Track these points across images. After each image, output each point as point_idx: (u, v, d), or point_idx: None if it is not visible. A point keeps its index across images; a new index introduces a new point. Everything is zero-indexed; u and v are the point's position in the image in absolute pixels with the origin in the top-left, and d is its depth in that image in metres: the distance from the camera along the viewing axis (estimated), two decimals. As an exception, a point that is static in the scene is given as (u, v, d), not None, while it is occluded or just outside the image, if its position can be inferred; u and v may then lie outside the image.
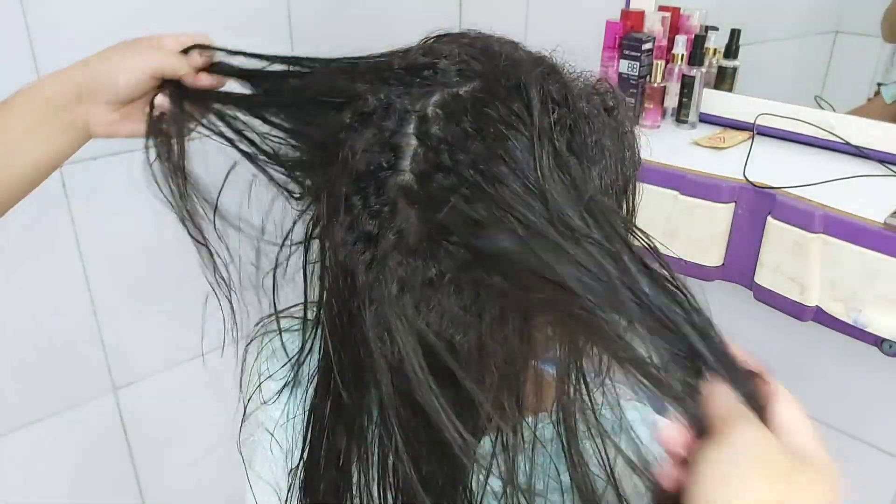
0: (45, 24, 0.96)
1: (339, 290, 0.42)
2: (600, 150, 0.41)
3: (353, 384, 0.43)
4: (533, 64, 0.42)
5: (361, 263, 0.39)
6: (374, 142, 0.39)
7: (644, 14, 1.15)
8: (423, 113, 0.39)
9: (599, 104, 0.43)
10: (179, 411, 1.29)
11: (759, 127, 1.09)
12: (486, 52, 0.42)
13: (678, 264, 0.99)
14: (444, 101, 0.39)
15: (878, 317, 0.82)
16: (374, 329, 0.39)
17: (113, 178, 1.09)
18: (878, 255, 0.80)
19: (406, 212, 0.38)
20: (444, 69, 0.40)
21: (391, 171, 0.38)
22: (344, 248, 0.40)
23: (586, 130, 0.41)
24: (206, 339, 1.33)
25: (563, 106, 0.40)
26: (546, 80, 0.41)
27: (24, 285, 1.04)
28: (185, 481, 1.32)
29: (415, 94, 0.39)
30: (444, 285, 0.39)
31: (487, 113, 0.38)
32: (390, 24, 1.35)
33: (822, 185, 0.90)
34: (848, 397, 1.11)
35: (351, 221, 0.39)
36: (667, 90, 1.15)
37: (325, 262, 0.44)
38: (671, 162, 1.00)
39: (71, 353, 1.11)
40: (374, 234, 0.39)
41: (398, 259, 0.38)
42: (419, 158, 0.38)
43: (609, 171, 0.42)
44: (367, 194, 0.39)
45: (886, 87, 1.10)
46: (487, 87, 0.40)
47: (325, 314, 0.45)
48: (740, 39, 1.14)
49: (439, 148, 0.38)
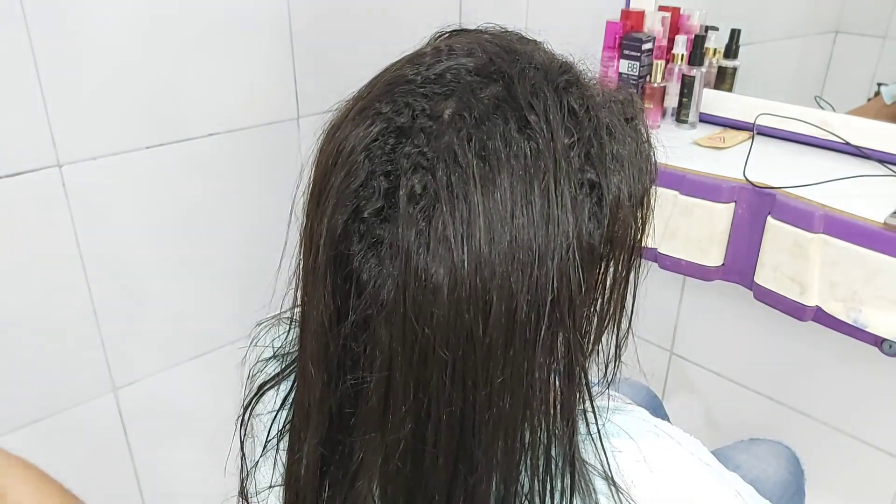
0: (45, 23, 0.96)
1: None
2: (619, 160, 0.41)
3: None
4: (556, 72, 0.41)
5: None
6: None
7: (644, 14, 1.15)
8: (439, 115, 0.38)
9: (620, 113, 0.43)
10: (179, 411, 1.29)
11: (759, 127, 1.09)
12: (509, 52, 0.41)
13: (678, 264, 0.99)
14: (466, 105, 0.38)
15: (878, 317, 0.82)
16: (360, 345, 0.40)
17: (113, 178, 1.09)
18: (878, 255, 0.80)
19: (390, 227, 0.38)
20: (465, 69, 0.40)
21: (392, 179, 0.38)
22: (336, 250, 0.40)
23: (606, 140, 0.41)
24: (205, 340, 1.33)
25: (584, 116, 0.40)
26: (567, 92, 0.40)
27: (25, 285, 1.04)
28: (186, 481, 1.32)
29: (434, 99, 0.39)
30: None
31: (497, 128, 0.38)
32: (390, 24, 1.35)
33: (822, 185, 0.90)
34: (848, 397, 1.11)
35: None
36: (667, 90, 1.15)
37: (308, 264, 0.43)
38: (671, 162, 1.00)
39: (71, 353, 1.11)
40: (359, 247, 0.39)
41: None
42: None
43: (628, 181, 0.41)
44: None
45: (887, 87, 1.10)
46: (508, 92, 0.39)
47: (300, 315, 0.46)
48: (740, 39, 1.14)
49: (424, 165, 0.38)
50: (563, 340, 0.39)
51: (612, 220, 0.40)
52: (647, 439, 0.45)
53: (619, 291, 0.45)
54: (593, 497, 0.41)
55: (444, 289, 0.36)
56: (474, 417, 0.39)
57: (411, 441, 0.39)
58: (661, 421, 0.48)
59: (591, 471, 0.42)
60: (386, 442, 0.40)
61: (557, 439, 0.41)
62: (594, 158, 0.40)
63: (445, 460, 0.39)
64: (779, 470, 0.94)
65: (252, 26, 1.18)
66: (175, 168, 1.15)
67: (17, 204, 1.00)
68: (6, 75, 0.95)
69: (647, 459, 0.43)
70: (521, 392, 0.39)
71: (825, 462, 1.01)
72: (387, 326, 0.38)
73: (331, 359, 0.42)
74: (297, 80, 1.26)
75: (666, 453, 0.45)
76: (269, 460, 0.54)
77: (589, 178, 0.39)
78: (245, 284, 1.28)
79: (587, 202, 0.39)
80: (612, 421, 0.46)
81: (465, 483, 0.40)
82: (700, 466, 0.45)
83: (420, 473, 0.40)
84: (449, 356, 0.37)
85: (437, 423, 0.39)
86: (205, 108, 1.16)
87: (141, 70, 1.07)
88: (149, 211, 1.14)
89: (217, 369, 1.30)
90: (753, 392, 1.25)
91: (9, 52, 0.94)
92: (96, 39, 1.02)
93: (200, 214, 1.21)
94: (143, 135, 1.10)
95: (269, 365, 0.56)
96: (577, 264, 0.38)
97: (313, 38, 1.26)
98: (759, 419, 1.25)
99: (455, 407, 0.38)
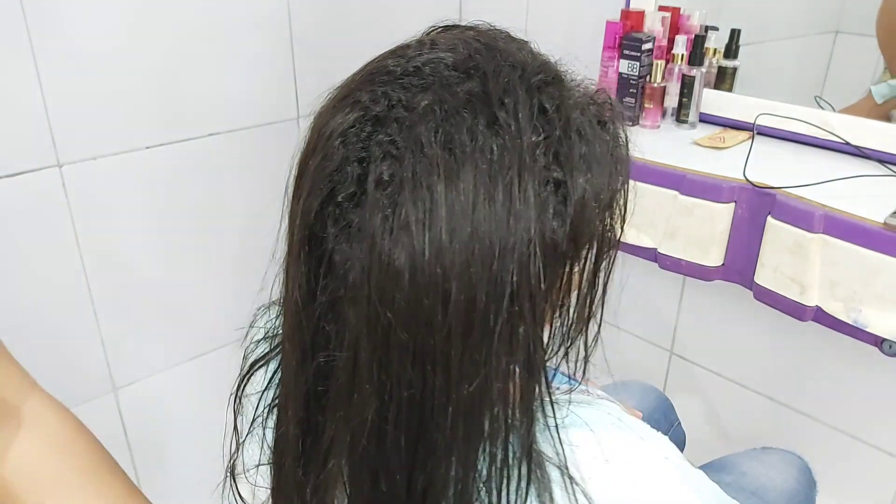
0: (45, 23, 0.96)
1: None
2: (588, 161, 0.42)
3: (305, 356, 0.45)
4: (533, 71, 0.42)
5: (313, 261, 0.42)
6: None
7: (644, 14, 1.15)
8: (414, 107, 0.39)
9: (594, 116, 0.44)
10: (179, 411, 1.29)
11: (759, 127, 1.09)
12: (490, 49, 0.42)
13: (678, 264, 0.99)
14: (439, 98, 0.39)
15: (878, 317, 0.82)
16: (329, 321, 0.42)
17: (113, 178, 1.09)
18: (878, 255, 0.80)
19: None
20: (444, 64, 0.41)
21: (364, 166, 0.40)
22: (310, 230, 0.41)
23: (576, 141, 0.41)
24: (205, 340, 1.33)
25: (555, 115, 0.41)
26: (541, 91, 0.41)
27: (25, 285, 1.04)
28: (185, 481, 1.32)
29: (412, 91, 0.40)
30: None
31: (462, 121, 0.38)
32: (391, 24, 1.35)
33: (822, 185, 0.90)
34: (848, 397, 1.11)
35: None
36: (667, 90, 1.15)
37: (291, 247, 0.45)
38: (671, 162, 1.00)
39: (71, 353, 1.11)
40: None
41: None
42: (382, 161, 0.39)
43: (595, 182, 0.42)
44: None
45: (876, 86, 1.10)
46: (482, 88, 0.40)
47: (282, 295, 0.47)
48: (740, 39, 1.14)
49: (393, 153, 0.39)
50: (522, 333, 0.40)
51: (576, 219, 0.41)
52: (609, 433, 0.46)
53: (589, 291, 0.46)
54: (548, 487, 0.42)
55: (406, 274, 0.37)
56: (433, 402, 0.40)
57: (376, 421, 0.41)
58: (628, 416, 0.48)
59: (547, 462, 0.43)
60: (353, 421, 0.41)
61: (515, 429, 0.42)
62: (562, 158, 0.40)
63: (406, 442, 0.41)
64: (787, 479, 0.92)
65: (252, 26, 1.18)
66: (175, 168, 1.15)
67: (17, 204, 1.00)
68: (6, 75, 0.95)
69: (604, 452, 0.44)
70: (479, 380, 0.40)
71: (824, 462, 1.01)
72: (353, 307, 0.40)
73: (304, 337, 0.44)
74: (297, 80, 1.26)
75: (625, 447, 0.45)
76: (257, 440, 0.55)
77: (555, 177, 0.40)
78: (245, 284, 1.28)
79: (552, 200, 0.40)
80: (576, 413, 0.46)
81: (424, 465, 0.41)
82: (659, 461, 0.45)
83: (383, 453, 0.42)
84: (409, 340, 0.38)
85: (398, 404, 0.40)
86: (205, 108, 1.16)
87: (141, 70, 1.08)
88: (149, 211, 1.14)
89: (217, 369, 1.30)
90: (753, 392, 1.25)
91: (9, 53, 0.94)
92: (96, 39, 1.02)
93: (200, 214, 1.21)
94: (143, 135, 1.11)
95: (260, 346, 0.58)
96: (538, 260, 0.39)
97: (313, 38, 1.26)
98: (758, 419, 1.25)
99: (415, 390, 0.39)
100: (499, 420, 0.41)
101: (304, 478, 0.47)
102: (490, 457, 0.42)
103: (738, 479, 0.91)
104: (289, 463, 0.48)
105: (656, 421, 1.04)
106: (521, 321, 0.39)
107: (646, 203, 1.01)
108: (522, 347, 0.40)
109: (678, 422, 1.09)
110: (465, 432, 0.41)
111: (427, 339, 0.38)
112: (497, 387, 0.40)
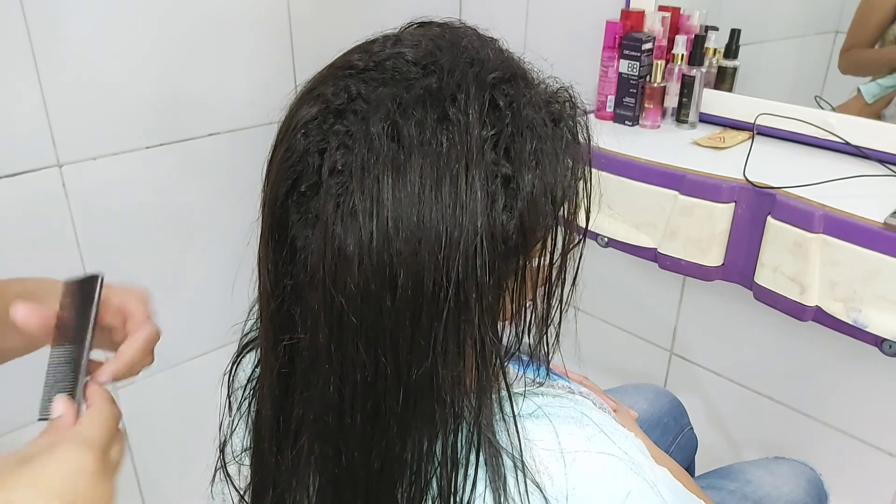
0: (45, 23, 0.96)
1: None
2: (538, 158, 0.42)
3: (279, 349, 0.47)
4: (491, 68, 0.43)
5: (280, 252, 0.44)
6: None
7: (644, 14, 1.15)
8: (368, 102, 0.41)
9: (549, 113, 0.44)
10: (179, 411, 1.29)
11: (759, 127, 1.09)
12: (453, 46, 0.43)
13: (678, 264, 0.99)
14: (396, 93, 0.40)
15: (878, 317, 0.82)
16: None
17: (113, 178, 1.09)
18: (878, 255, 0.80)
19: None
20: (404, 59, 0.42)
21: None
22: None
23: (527, 137, 0.42)
24: (205, 340, 1.33)
25: (507, 112, 0.41)
26: (495, 88, 0.42)
27: (24, 285, 1.04)
28: (185, 480, 1.32)
29: (371, 85, 0.41)
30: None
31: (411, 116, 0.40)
32: (391, 24, 1.35)
33: (822, 185, 0.90)
34: (848, 397, 1.11)
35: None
36: (667, 90, 1.15)
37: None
38: (671, 162, 1.00)
39: (71, 353, 1.11)
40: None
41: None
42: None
43: (546, 178, 0.42)
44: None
45: (866, 86, 1.10)
46: (439, 84, 0.41)
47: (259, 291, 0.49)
48: (740, 39, 1.14)
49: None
50: (469, 322, 0.41)
51: (526, 213, 0.41)
52: (567, 426, 0.46)
53: (548, 283, 0.47)
54: (501, 473, 0.43)
55: (355, 260, 0.39)
56: (385, 385, 0.41)
57: (336, 401, 0.42)
58: (597, 411, 0.48)
59: (503, 451, 0.44)
60: (315, 401, 0.43)
61: (465, 418, 0.43)
62: (512, 153, 0.41)
63: (362, 422, 0.42)
64: (795, 490, 0.91)
65: (252, 26, 1.18)
66: (175, 168, 1.15)
67: (17, 204, 1.00)
68: (6, 76, 0.95)
69: (560, 444, 0.45)
70: (427, 366, 0.41)
71: (824, 461, 1.01)
72: (311, 291, 0.41)
73: (273, 319, 0.45)
74: (297, 80, 1.26)
75: (583, 441, 0.45)
76: (246, 423, 0.57)
77: (504, 172, 0.41)
78: (245, 284, 1.27)
79: (501, 194, 0.41)
80: (538, 405, 0.47)
81: (380, 446, 0.43)
82: (616, 456, 0.45)
83: (342, 432, 0.43)
84: (359, 323, 0.40)
85: (353, 386, 0.42)
86: (205, 108, 1.16)
87: (141, 70, 1.08)
88: (149, 211, 1.14)
89: (217, 369, 1.30)
90: (753, 392, 1.25)
91: (9, 53, 0.94)
92: (96, 40, 1.02)
93: (200, 214, 1.21)
94: (143, 135, 1.11)
95: (253, 332, 0.60)
96: (485, 251, 0.40)
97: (313, 38, 1.26)
98: (758, 418, 1.25)
99: (368, 373, 0.41)
100: (450, 406, 0.42)
101: (280, 456, 0.48)
102: (443, 440, 0.43)
103: (741, 487, 0.90)
104: (266, 442, 0.49)
105: (666, 424, 1.03)
106: (467, 310, 0.40)
107: (646, 203, 1.01)
108: (471, 336, 0.41)
109: (690, 426, 1.08)
110: (416, 416, 0.42)
111: (377, 322, 0.40)
112: (446, 374, 0.41)
